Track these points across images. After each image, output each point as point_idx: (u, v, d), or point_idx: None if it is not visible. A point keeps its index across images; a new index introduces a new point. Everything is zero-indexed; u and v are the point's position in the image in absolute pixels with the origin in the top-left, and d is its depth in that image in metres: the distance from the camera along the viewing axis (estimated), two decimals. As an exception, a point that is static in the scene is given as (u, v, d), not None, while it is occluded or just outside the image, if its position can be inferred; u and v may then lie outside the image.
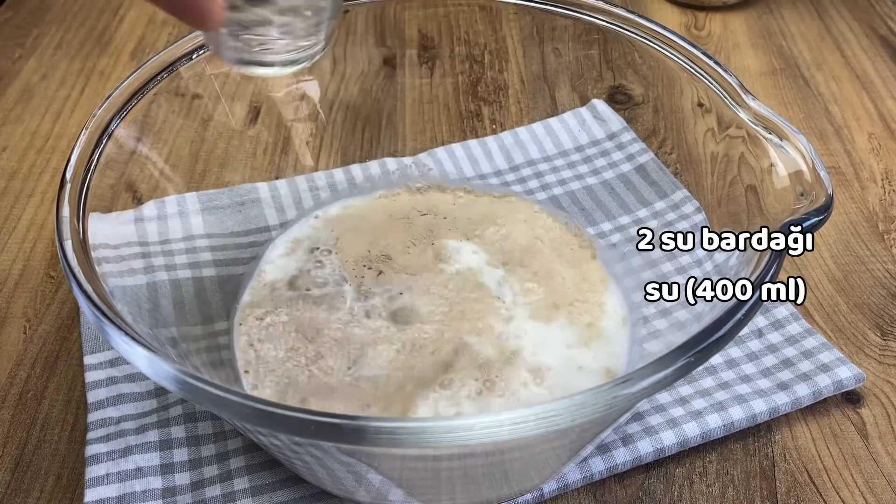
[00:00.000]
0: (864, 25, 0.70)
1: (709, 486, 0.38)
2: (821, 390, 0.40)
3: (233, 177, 0.48)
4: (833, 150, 0.57)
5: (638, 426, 0.38)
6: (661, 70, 0.43)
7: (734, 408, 0.39)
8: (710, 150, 0.41)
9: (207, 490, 0.36)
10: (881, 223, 0.51)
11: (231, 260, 0.45)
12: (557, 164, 0.52)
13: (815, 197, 0.32)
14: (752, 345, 0.42)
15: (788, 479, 0.38)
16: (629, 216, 0.47)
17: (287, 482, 0.37)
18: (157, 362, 0.27)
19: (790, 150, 0.35)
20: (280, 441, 0.31)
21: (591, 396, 0.26)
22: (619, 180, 0.49)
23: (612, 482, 0.38)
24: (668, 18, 0.71)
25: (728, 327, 0.28)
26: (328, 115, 0.51)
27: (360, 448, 0.29)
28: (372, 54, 0.53)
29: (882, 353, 0.43)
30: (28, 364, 0.43)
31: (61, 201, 0.33)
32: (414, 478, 0.34)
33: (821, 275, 0.48)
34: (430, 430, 0.25)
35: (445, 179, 0.51)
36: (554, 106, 0.53)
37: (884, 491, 0.38)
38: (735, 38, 0.69)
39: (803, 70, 0.65)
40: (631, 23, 0.43)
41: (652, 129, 0.49)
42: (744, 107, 0.37)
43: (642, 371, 0.27)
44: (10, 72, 0.64)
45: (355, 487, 0.35)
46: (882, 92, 0.62)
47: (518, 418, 0.25)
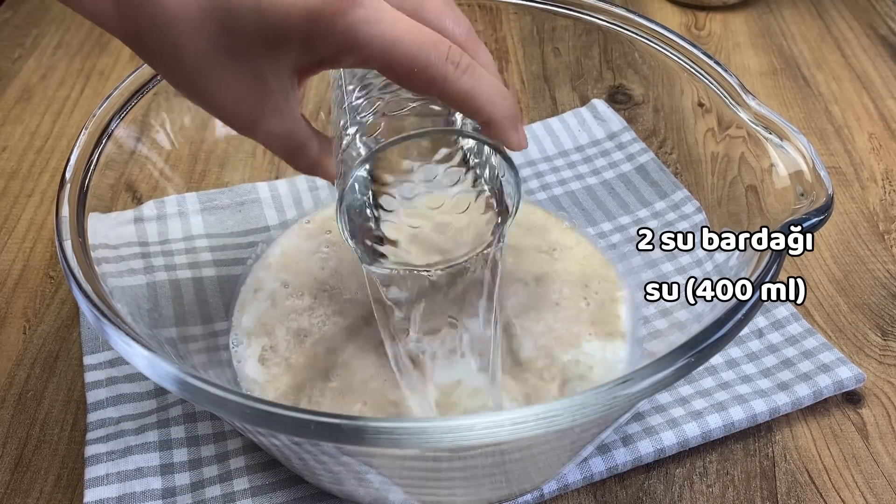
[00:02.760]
0: (864, 25, 0.70)
1: (709, 486, 0.38)
2: (821, 390, 0.40)
3: (232, 177, 0.48)
4: (833, 149, 0.57)
5: (638, 426, 0.38)
6: (661, 70, 0.43)
7: (734, 408, 0.39)
8: (711, 150, 0.41)
9: (207, 490, 0.36)
10: (881, 223, 0.51)
11: (231, 260, 0.45)
12: (557, 164, 0.52)
13: (816, 197, 0.32)
14: (753, 345, 0.42)
15: (789, 479, 0.38)
16: (629, 216, 0.47)
17: (287, 482, 0.37)
18: (157, 362, 0.27)
19: (790, 150, 0.34)
20: (280, 441, 0.31)
21: (591, 397, 0.26)
22: (620, 180, 0.49)
23: (612, 482, 0.38)
24: (669, 18, 0.71)
25: (728, 327, 0.28)
26: (328, 114, 0.51)
27: (360, 448, 0.29)
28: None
29: (882, 354, 0.43)
30: (28, 364, 0.43)
31: (61, 201, 0.33)
32: (414, 478, 0.34)
33: (821, 275, 0.48)
34: (429, 431, 0.25)
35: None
36: (554, 106, 0.53)
37: (884, 491, 0.37)
38: (735, 38, 0.69)
39: (804, 70, 0.65)
40: (631, 23, 0.43)
41: (652, 129, 0.48)
42: (744, 107, 0.37)
43: (642, 371, 0.27)
44: (10, 72, 0.64)
45: (355, 488, 0.35)
46: (882, 92, 0.62)
47: (518, 418, 0.25)
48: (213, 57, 0.27)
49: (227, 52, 0.27)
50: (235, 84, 0.28)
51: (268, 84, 0.29)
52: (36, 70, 0.65)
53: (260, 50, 0.27)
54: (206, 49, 0.27)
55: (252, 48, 0.27)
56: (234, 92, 0.28)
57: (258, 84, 0.28)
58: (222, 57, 0.27)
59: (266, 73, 0.28)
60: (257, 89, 0.29)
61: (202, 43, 0.27)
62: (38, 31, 0.69)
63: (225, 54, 0.27)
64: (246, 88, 0.28)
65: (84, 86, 0.63)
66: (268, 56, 0.28)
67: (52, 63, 0.65)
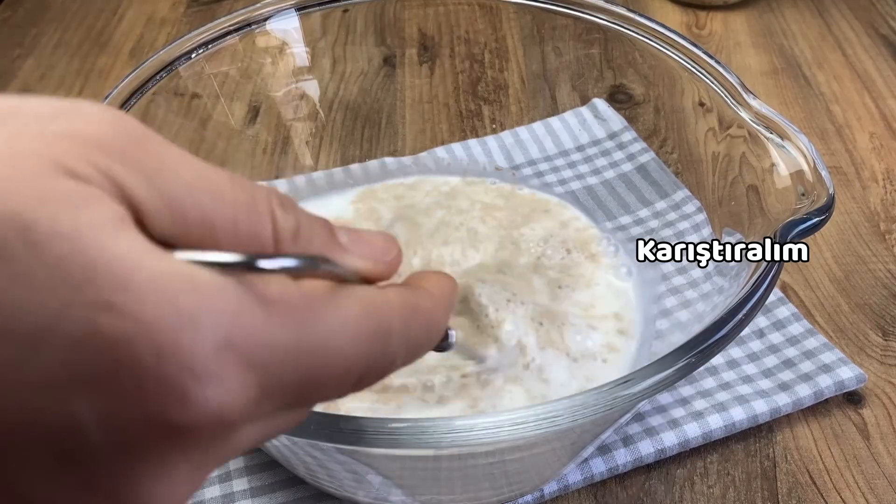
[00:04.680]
0: (865, 24, 0.70)
1: (710, 486, 0.38)
2: (822, 391, 0.40)
3: (232, 176, 0.48)
4: (834, 149, 0.57)
5: (639, 427, 0.38)
6: (661, 69, 0.42)
7: (735, 408, 0.39)
8: (711, 150, 0.40)
9: (206, 491, 0.36)
10: (882, 223, 0.51)
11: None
12: (558, 164, 0.51)
13: (817, 197, 0.32)
14: (754, 345, 0.42)
15: (790, 479, 0.38)
16: (630, 216, 0.47)
17: (286, 483, 0.37)
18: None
19: (791, 149, 0.34)
20: (278, 441, 0.31)
21: (591, 397, 0.26)
22: (620, 180, 0.49)
23: (612, 483, 0.38)
24: (669, 17, 0.71)
25: (729, 328, 0.28)
26: (328, 114, 0.51)
27: (360, 448, 0.29)
28: (372, 53, 0.52)
29: (883, 354, 0.43)
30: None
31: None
32: (414, 478, 0.34)
33: (822, 275, 0.48)
34: (429, 431, 0.25)
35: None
36: (554, 105, 0.52)
37: (885, 492, 0.37)
38: (736, 38, 0.68)
39: (804, 69, 0.65)
40: (631, 22, 0.43)
41: (653, 128, 0.48)
42: (745, 106, 0.37)
43: (643, 371, 0.27)
44: (9, 71, 0.64)
45: (355, 488, 0.35)
46: (883, 91, 0.62)
47: (518, 419, 0.25)
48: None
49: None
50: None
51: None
52: (35, 69, 0.64)
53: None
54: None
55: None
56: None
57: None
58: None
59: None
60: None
61: None
62: (37, 30, 0.69)
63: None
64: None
65: (83, 85, 0.63)
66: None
67: (51, 62, 0.65)
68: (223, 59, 0.43)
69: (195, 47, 0.41)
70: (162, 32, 0.69)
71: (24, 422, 0.14)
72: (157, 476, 0.15)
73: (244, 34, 0.44)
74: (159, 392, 0.14)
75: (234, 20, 0.43)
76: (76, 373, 0.13)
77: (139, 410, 0.14)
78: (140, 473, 0.15)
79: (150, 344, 0.14)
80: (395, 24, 0.51)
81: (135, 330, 0.14)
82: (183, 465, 0.15)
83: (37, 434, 0.14)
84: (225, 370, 0.14)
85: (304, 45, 0.47)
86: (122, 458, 0.14)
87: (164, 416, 0.14)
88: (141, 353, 0.14)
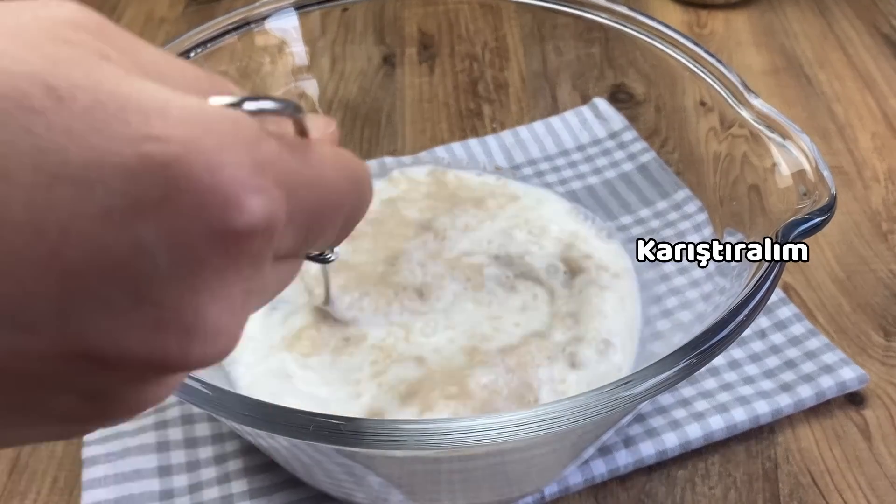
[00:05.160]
0: (867, 24, 0.69)
1: (711, 488, 0.38)
2: (824, 391, 0.40)
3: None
4: (836, 149, 0.57)
5: (640, 428, 0.38)
6: (663, 68, 0.42)
7: (737, 409, 0.39)
8: (713, 150, 0.40)
9: (205, 492, 0.36)
10: (884, 223, 0.51)
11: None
12: (558, 164, 0.51)
13: (819, 196, 0.32)
14: (755, 346, 0.42)
15: (791, 480, 0.38)
16: (631, 216, 0.47)
17: (285, 484, 0.36)
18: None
19: (793, 149, 0.34)
20: (278, 443, 0.31)
21: (592, 398, 0.26)
22: (621, 179, 0.49)
23: (613, 484, 0.38)
24: (670, 16, 0.71)
25: (730, 329, 0.28)
26: (327, 113, 0.51)
27: (359, 450, 0.29)
28: (371, 52, 0.52)
29: (885, 355, 0.43)
30: (25, 364, 0.42)
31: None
32: (413, 480, 0.34)
33: (824, 275, 0.47)
34: (429, 432, 0.25)
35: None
36: (555, 104, 0.52)
37: (887, 493, 0.37)
38: (737, 37, 0.68)
39: (806, 69, 0.64)
40: (632, 21, 0.42)
41: (654, 128, 0.48)
42: (746, 106, 0.37)
43: (644, 372, 0.27)
44: (9, 70, 0.64)
45: (354, 490, 0.34)
46: (885, 91, 0.62)
47: (519, 420, 0.25)
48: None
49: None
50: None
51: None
52: (34, 69, 0.64)
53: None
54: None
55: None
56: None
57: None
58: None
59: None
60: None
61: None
62: (36, 29, 0.69)
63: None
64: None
65: (83, 84, 0.63)
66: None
67: (50, 62, 0.65)
68: (222, 58, 0.43)
69: (193, 46, 0.41)
70: (160, 31, 0.69)
71: (93, 258, 0.14)
72: (218, 298, 0.16)
73: (243, 33, 0.43)
74: (217, 203, 0.15)
75: (233, 19, 0.43)
76: (136, 199, 0.14)
77: (202, 223, 0.15)
78: (205, 297, 0.15)
79: (201, 160, 0.15)
80: (394, 23, 0.51)
81: (184, 150, 0.15)
82: (237, 286, 0.16)
83: (107, 268, 0.14)
84: (264, 184, 0.16)
85: (304, 44, 0.47)
86: (189, 279, 0.15)
87: (224, 223, 0.15)
88: (194, 169, 0.15)
